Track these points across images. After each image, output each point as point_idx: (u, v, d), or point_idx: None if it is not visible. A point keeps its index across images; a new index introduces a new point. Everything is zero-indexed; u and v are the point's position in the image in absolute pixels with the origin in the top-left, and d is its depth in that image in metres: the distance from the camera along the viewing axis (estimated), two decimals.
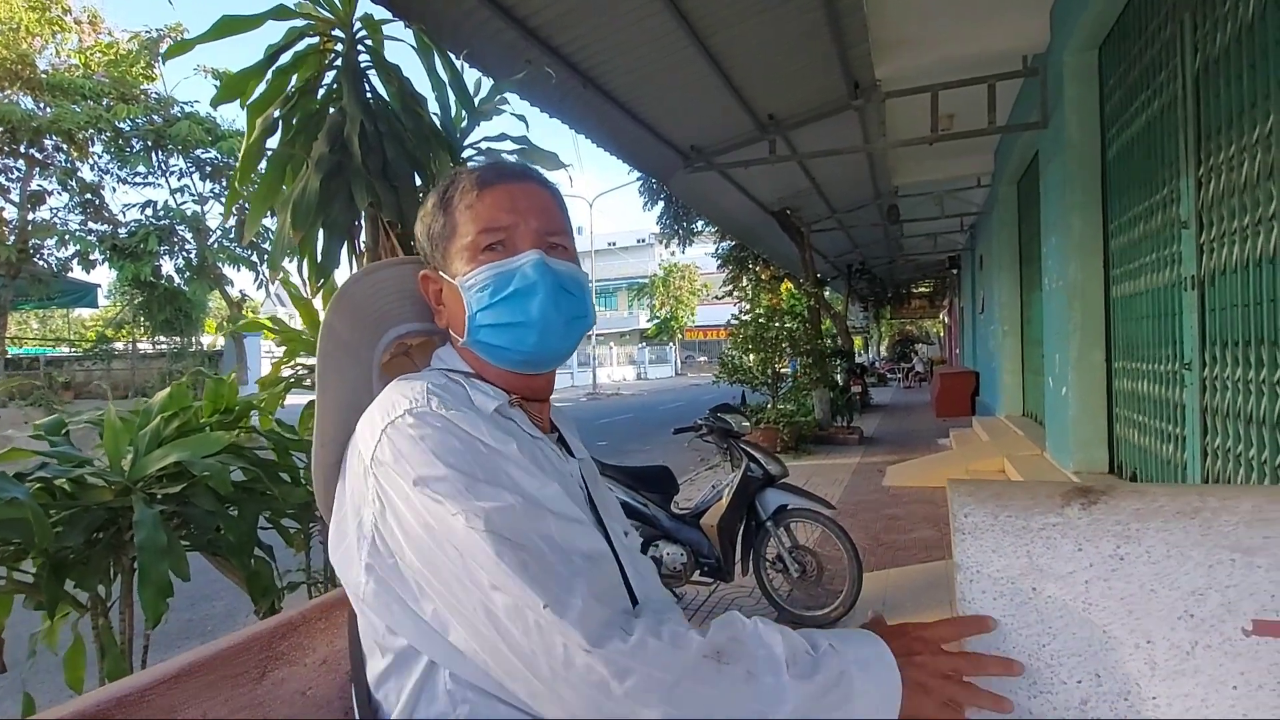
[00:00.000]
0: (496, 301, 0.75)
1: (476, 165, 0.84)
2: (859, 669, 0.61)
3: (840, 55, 5.24)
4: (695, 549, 3.16)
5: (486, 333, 0.77)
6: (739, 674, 0.59)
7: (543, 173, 0.85)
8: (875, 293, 21.55)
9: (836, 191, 9.22)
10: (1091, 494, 0.65)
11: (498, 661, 0.60)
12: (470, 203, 0.78)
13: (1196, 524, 0.60)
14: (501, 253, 0.76)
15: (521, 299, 0.75)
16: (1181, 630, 0.59)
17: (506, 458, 0.67)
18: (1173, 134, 2.92)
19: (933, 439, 8.59)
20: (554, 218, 0.80)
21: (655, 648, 0.58)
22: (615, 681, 0.56)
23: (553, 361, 0.81)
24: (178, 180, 14.65)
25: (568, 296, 0.77)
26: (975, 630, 0.65)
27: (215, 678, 0.57)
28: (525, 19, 4.02)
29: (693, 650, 0.59)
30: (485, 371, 0.80)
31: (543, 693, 0.58)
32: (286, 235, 1.85)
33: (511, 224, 0.77)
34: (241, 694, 0.61)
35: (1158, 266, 3.16)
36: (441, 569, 0.62)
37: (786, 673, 0.59)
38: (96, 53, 14.19)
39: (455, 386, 0.74)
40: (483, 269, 0.76)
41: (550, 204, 0.81)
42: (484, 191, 0.78)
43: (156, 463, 1.61)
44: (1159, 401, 3.19)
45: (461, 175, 0.81)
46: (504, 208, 0.77)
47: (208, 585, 3.76)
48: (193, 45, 1.97)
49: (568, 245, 0.81)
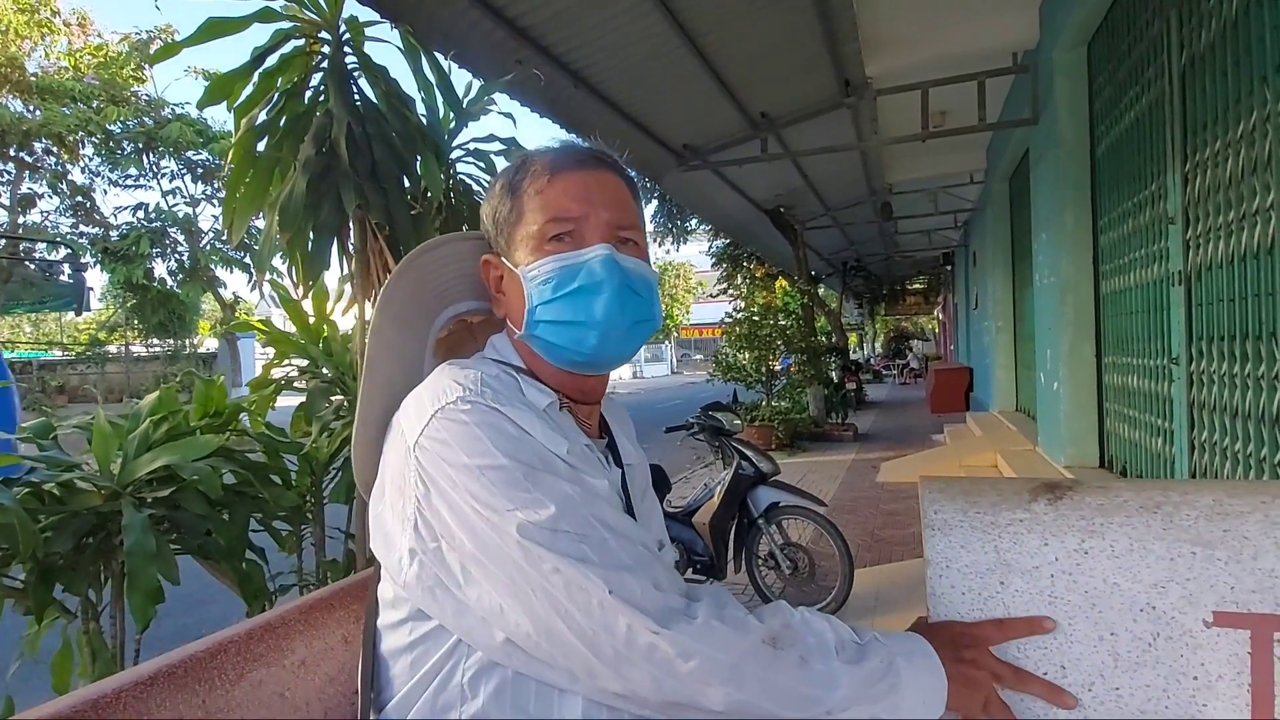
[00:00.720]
0: (559, 297, 0.71)
1: (550, 148, 0.78)
2: (905, 660, 0.62)
3: (831, 54, 5.25)
4: (688, 547, 3.18)
5: (545, 329, 0.73)
6: (793, 659, 0.60)
7: (619, 160, 0.80)
8: (870, 290, 21.60)
9: (830, 189, 9.24)
10: (1058, 489, 0.66)
11: (553, 643, 0.60)
12: (540, 188, 0.73)
13: (1158, 518, 0.61)
14: (569, 244, 0.72)
15: (585, 297, 0.71)
16: (1144, 622, 0.60)
17: (558, 455, 0.67)
18: (1160, 130, 2.94)
19: (927, 435, 8.62)
20: (627, 210, 0.76)
21: (720, 631, 0.59)
22: (680, 661, 0.58)
23: (612, 365, 0.78)
24: (169, 182, 14.63)
25: (634, 298, 0.73)
26: (1025, 632, 0.64)
27: (191, 680, 0.57)
28: (515, 19, 4.02)
29: (753, 635, 0.60)
30: (538, 368, 0.76)
31: (604, 672, 0.59)
32: (274, 237, 1.85)
33: (582, 214, 0.72)
34: (218, 696, 0.61)
35: (1146, 262, 3.18)
36: (496, 554, 0.61)
37: (837, 658, 0.61)
38: (86, 55, 14.12)
39: (508, 379, 0.72)
40: (547, 260, 0.72)
41: (625, 195, 0.76)
42: (555, 177, 0.73)
43: (146, 466, 1.61)
44: (1148, 396, 3.22)
45: (533, 158, 0.76)
46: (575, 196, 0.73)
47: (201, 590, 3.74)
48: (180, 49, 1.97)
49: (639, 241, 0.76)
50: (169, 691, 0.56)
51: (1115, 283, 3.70)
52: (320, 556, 2.13)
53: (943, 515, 0.67)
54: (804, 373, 9.43)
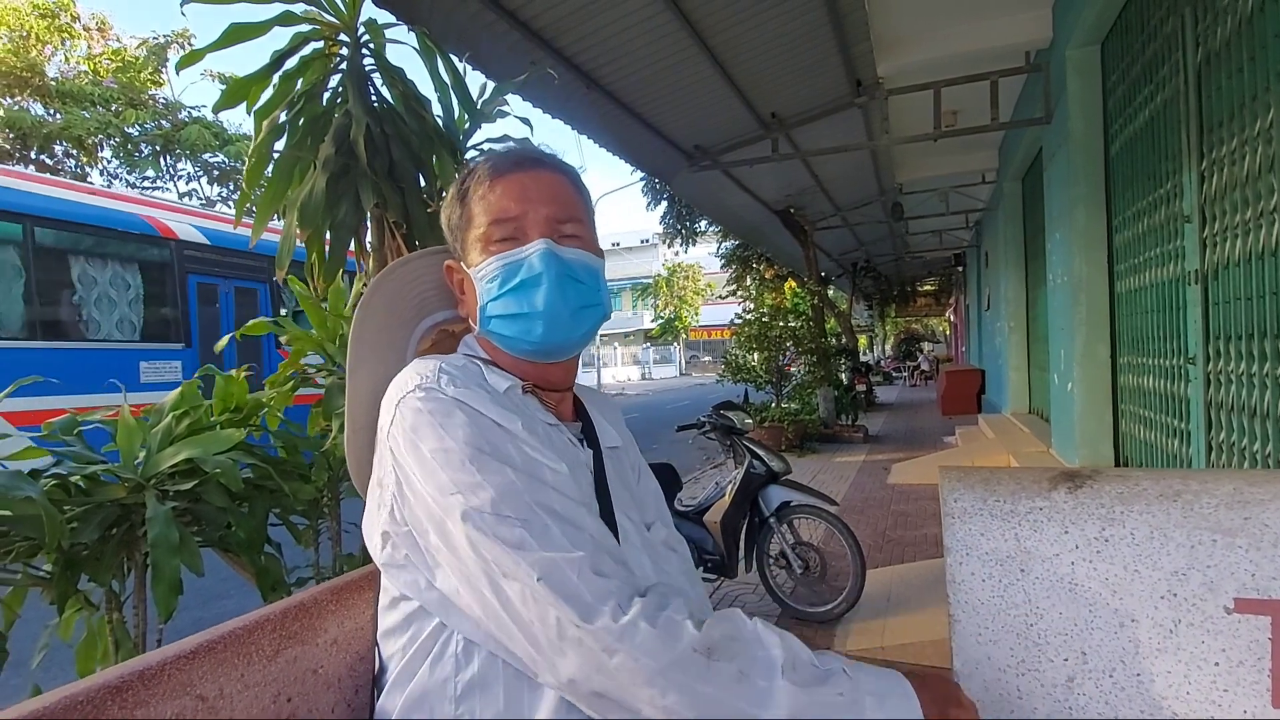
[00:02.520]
0: (504, 293, 0.76)
1: (493, 154, 0.83)
2: (875, 701, 0.59)
3: (842, 53, 5.25)
4: (699, 545, 3.18)
5: (496, 323, 0.77)
6: (730, 671, 0.58)
7: (560, 156, 0.84)
8: (880, 291, 21.50)
9: (840, 189, 9.22)
10: (1077, 478, 0.67)
11: (499, 628, 0.62)
12: (483, 193, 0.78)
13: (1178, 506, 0.62)
14: (512, 243, 0.76)
15: (527, 290, 0.75)
16: (1164, 609, 0.61)
17: (513, 435, 0.68)
18: (1175, 128, 2.92)
19: (938, 437, 8.58)
20: (567, 205, 0.79)
21: (645, 633, 0.58)
22: (605, 656, 0.58)
23: (563, 351, 0.80)
24: (186, 184, 14.76)
25: (576, 285, 0.76)
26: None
27: (230, 654, 0.60)
28: (529, 21, 4.05)
29: (684, 642, 0.59)
30: (500, 360, 0.80)
31: (540, 661, 0.60)
32: (293, 236, 1.88)
33: (520, 213, 0.76)
34: (255, 671, 0.63)
35: (1161, 261, 3.16)
36: (446, 538, 0.64)
37: (781, 677, 0.58)
38: (105, 59, 14.31)
39: (472, 367, 0.75)
40: (492, 260, 0.76)
41: (565, 190, 0.80)
42: (495, 181, 0.78)
43: (168, 460, 1.64)
44: (1164, 396, 3.19)
45: (478, 166, 0.81)
46: (514, 197, 0.77)
47: (219, 584, 3.80)
48: (203, 55, 1.99)
49: (582, 233, 0.80)
50: (210, 665, 0.58)
51: (1130, 282, 3.67)
52: (337, 551, 2.16)
53: (962, 503, 0.68)
54: (814, 374, 9.41)
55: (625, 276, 47.95)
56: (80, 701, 0.49)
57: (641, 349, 42.44)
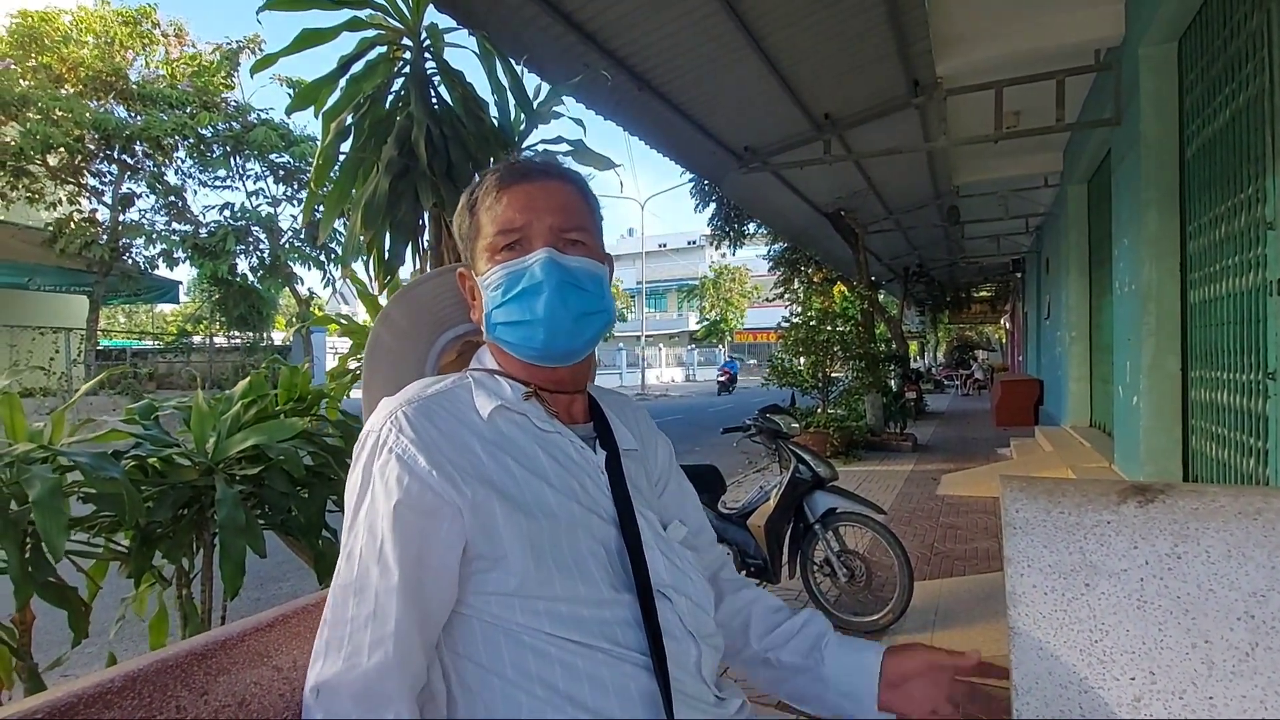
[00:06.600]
0: (508, 300, 0.77)
1: (502, 165, 0.85)
2: None
3: (900, 52, 5.14)
4: (741, 549, 3.16)
5: (501, 330, 0.79)
6: None
7: (565, 165, 0.86)
8: (933, 296, 20.91)
9: (894, 192, 9.02)
10: (1148, 492, 0.64)
11: None
12: (490, 204, 0.80)
13: (1259, 525, 0.59)
14: (518, 251, 0.78)
15: (529, 297, 0.76)
16: (1240, 631, 0.58)
17: (436, 489, 0.68)
18: (1259, 129, 2.76)
19: (991, 448, 8.29)
20: (572, 214, 0.80)
21: None
22: None
23: (567, 357, 0.81)
24: (254, 183, 15.42)
25: (578, 292, 0.78)
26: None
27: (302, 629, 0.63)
28: (584, 23, 4.10)
29: None
30: (509, 365, 0.82)
31: None
32: (357, 235, 1.95)
33: (526, 223, 0.78)
34: None
35: (1240, 270, 2.99)
36: None
37: None
38: (182, 64, 15.09)
39: (460, 393, 0.77)
40: (496, 269, 0.78)
41: (570, 199, 0.81)
42: (502, 192, 0.80)
43: (237, 445, 1.73)
44: (1239, 412, 3.02)
45: (487, 176, 0.82)
46: (520, 207, 0.78)
47: (275, 568, 3.96)
48: (276, 59, 2.09)
49: (587, 241, 0.81)
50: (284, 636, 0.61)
51: (1204, 291, 3.49)
52: None
53: (1024, 514, 0.67)
54: (861, 380, 9.22)
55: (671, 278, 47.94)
56: (170, 665, 0.53)
57: (686, 351, 42.32)
